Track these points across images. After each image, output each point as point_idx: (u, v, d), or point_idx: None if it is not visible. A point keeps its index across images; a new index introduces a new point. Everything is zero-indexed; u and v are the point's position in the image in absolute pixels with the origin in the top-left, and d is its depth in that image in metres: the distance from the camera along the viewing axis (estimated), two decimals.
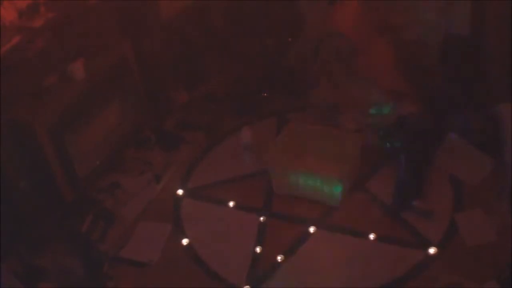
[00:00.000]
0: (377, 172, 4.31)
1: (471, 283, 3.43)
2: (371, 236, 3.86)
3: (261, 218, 4.12)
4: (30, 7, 4.09)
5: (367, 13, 4.51)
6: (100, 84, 4.41)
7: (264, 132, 4.81)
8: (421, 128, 4.21)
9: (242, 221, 4.15)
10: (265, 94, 5.19)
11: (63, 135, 4.17)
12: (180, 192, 4.44)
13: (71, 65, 4.23)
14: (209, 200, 4.34)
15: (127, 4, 4.64)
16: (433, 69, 4.49)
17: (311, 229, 3.98)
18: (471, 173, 4.13)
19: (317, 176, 4.07)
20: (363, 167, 4.29)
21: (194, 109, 5.13)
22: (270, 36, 5.18)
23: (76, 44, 4.30)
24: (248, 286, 3.70)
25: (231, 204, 4.26)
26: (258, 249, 3.92)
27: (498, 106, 4.09)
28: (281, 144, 4.34)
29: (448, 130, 4.38)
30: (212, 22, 5.28)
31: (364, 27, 4.46)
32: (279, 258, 3.83)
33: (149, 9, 4.82)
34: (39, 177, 4.13)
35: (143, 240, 4.10)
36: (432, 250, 3.70)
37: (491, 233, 3.70)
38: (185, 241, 4.05)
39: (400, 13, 4.51)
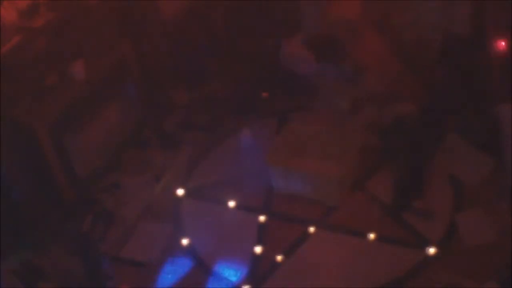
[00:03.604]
0: (377, 172, 4.30)
1: (471, 283, 3.43)
2: (371, 236, 3.86)
3: (261, 218, 4.12)
4: (30, 7, 4.09)
5: (366, 12, 4.52)
6: (100, 84, 4.41)
7: (264, 132, 4.81)
8: (421, 128, 4.21)
9: (242, 221, 4.15)
10: (265, 94, 5.18)
11: (63, 135, 4.17)
12: (180, 192, 4.44)
13: (71, 65, 4.23)
14: (209, 200, 4.35)
15: (127, 4, 4.64)
16: (433, 69, 4.49)
17: (311, 229, 3.98)
18: (471, 173, 4.13)
19: (317, 176, 4.07)
20: (363, 167, 4.29)
21: (194, 109, 5.13)
22: (270, 36, 5.18)
23: (76, 44, 4.31)
24: (248, 286, 3.71)
25: (231, 204, 4.26)
26: (258, 249, 3.92)
27: (498, 106, 4.09)
28: (281, 144, 4.34)
29: (448, 130, 4.38)
30: (213, 22, 5.28)
31: (361, 25, 4.46)
32: (279, 258, 3.83)
33: (149, 9, 4.82)
34: (39, 177, 4.13)
35: (143, 240, 4.11)
36: (432, 250, 3.70)
37: (491, 233, 3.71)
38: (185, 241, 4.05)
39: (400, 13, 4.51)
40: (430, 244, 3.74)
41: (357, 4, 4.62)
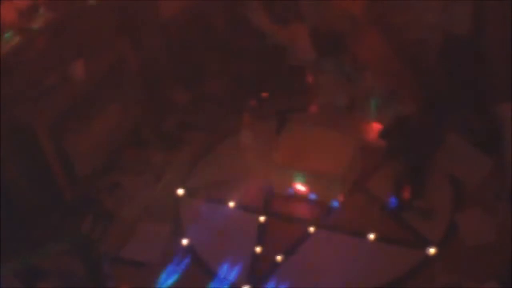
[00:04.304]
0: (377, 172, 4.30)
1: (471, 283, 3.43)
2: (371, 236, 3.86)
3: (261, 218, 4.13)
4: (30, 7, 4.09)
5: (368, 10, 4.51)
6: (100, 84, 4.41)
7: (264, 132, 4.81)
8: (421, 128, 4.21)
9: (242, 221, 4.15)
10: (265, 94, 5.18)
11: (63, 135, 4.17)
12: (180, 192, 4.44)
13: (71, 65, 4.23)
14: (209, 200, 4.35)
15: (126, 4, 4.64)
16: (433, 69, 4.49)
17: (311, 229, 3.99)
18: (471, 173, 4.13)
19: (317, 176, 4.07)
20: (363, 167, 4.29)
21: (194, 109, 5.13)
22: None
23: (76, 44, 4.30)
24: (248, 286, 3.71)
25: (231, 204, 4.27)
26: (258, 249, 3.92)
27: (498, 106, 4.09)
28: (282, 144, 4.34)
29: (448, 130, 4.38)
30: (212, 22, 5.27)
31: (363, 22, 4.46)
32: (279, 258, 3.83)
33: (149, 9, 4.82)
34: (39, 177, 4.12)
35: (143, 240, 4.11)
36: (432, 250, 3.70)
37: (491, 233, 3.71)
38: (185, 241, 4.05)
39: (400, 13, 4.51)
40: (430, 244, 3.74)
41: (360, 2, 4.62)
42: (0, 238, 3.77)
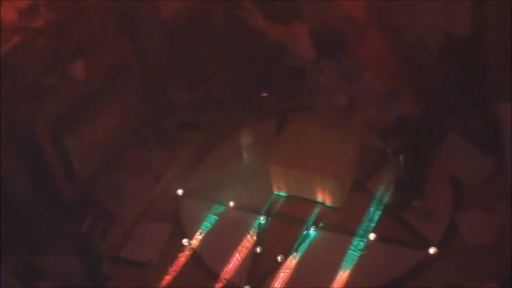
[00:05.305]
0: (377, 172, 4.30)
1: (471, 283, 3.43)
2: (371, 236, 3.86)
3: (261, 218, 4.13)
4: (30, 7, 4.09)
5: (369, 11, 4.52)
6: (100, 84, 4.41)
7: (264, 132, 4.81)
8: (421, 128, 4.21)
9: (242, 221, 4.15)
10: (265, 94, 5.18)
11: (63, 135, 4.17)
12: (180, 192, 4.44)
13: (71, 65, 4.23)
14: (209, 200, 4.34)
15: (127, 4, 4.64)
16: (433, 69, 4.49)
17: (311, 229, 3.98)
18: (471, 173, 4.13)
19: (317, 176, 4.07)
20: (363, 167, 4.29)
21: (194, 109, 5.13)
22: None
23: (76, 44, 4.30)
24: (248, 286, 3.71)
25: (231, 204, 4.26)
26: (258, 249, 3.92)
27: (498, 106, 4.09)
28: (281, 144, 4.34)
29: (448, 130, 4.38)
30: (212, 22, 5.28)
31: (364, 23, 4.46)
32: (279, 258, 3.83)
33: (149, 9, 4.82)
34: (39, 177, 4.12)
35: (143, 240, 4.11)
36: (432, 250, 3.70)
37: (491, 233, 3.71)
38: (185, 241, 4.05)
39: (400, 14, 4.51)
40: (430, 244, 3.74)
41: (361, 2, 4.62)
42: (0, 238, 3.77)
